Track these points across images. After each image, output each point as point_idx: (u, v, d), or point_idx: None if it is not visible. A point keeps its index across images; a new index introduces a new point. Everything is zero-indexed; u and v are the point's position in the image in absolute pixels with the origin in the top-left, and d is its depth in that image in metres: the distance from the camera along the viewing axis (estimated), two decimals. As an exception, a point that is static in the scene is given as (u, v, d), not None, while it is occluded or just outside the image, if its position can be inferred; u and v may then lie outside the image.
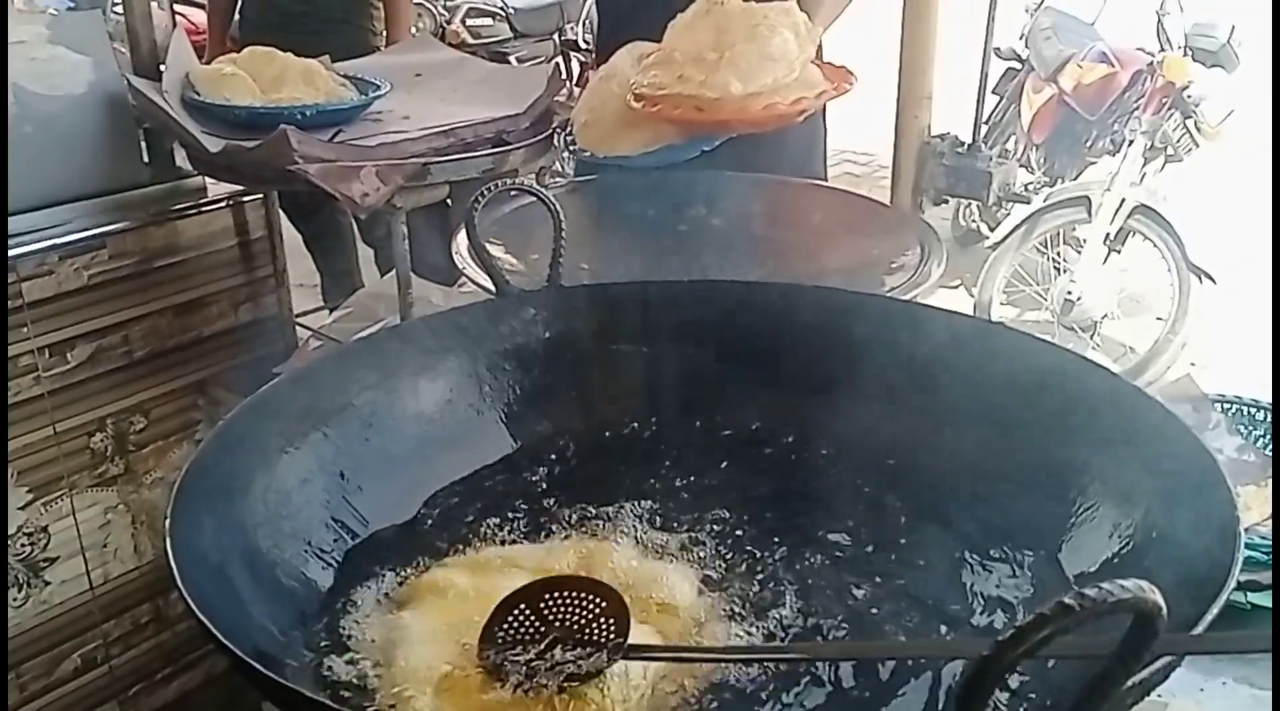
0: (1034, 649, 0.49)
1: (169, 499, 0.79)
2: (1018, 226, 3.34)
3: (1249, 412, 1.45)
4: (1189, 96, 3.24)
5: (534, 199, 1.23)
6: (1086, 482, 0.93)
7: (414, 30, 3.78)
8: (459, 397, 1.10)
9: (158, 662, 1.87)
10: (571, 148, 1.61)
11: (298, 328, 1.97)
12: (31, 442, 1.65)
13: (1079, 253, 3.36)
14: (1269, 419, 1.45)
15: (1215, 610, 0.65)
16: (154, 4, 1.94)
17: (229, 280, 1.87)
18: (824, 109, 1.95)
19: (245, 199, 1.86)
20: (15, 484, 1.64)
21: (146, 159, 1.82)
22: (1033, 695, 0.76)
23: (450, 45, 4.41)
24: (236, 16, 2.99)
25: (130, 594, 1.82)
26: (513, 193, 1.24)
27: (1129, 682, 0.53)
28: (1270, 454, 1.41)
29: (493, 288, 1.19)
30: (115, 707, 1.84)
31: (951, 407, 1.01)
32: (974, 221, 3.98)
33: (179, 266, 1.79)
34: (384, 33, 2.89)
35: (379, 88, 1.83)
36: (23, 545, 1.66)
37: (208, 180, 1.83)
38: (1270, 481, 1.36)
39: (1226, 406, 1.45)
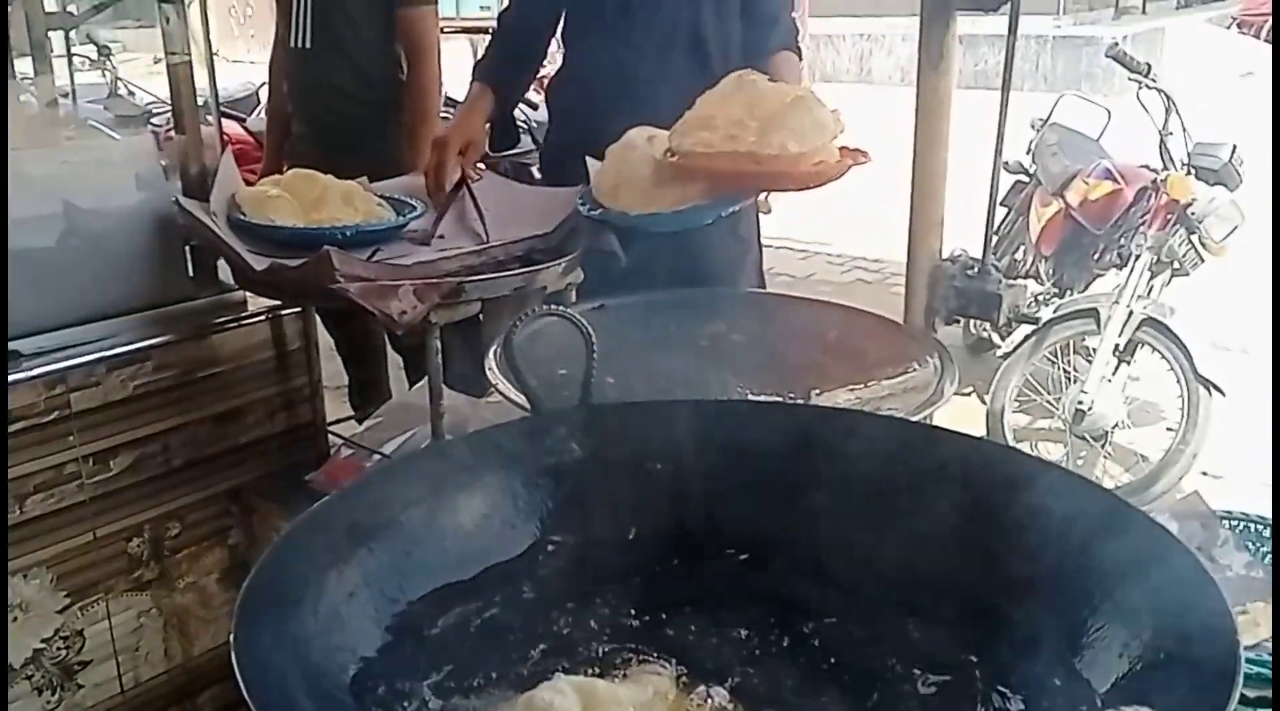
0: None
1: (233, 615, 0.84)
2: (1028, 337, 3.41)
3: (1256, 529, 1.49)
4: (1193, 213, 3.33)
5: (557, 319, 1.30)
6: (1097, 602, 0.97)
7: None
8: (495, 513, 1.16)
9: (182, 766, 1.89)
10: (592, 213, 1.71)
11: (330, 436, 2.04)
12: (72, 547, 1.70)
13: (1089, 362, 3.42)
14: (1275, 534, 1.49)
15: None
16: (203, 124, 2.05)
17: (266, 390, 1.94)
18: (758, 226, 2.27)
19: (284, 312, 1.94)
20: (54, 587, 1.69)
21: (191, 274, 1.91)
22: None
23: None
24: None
25: (159, 697, 1.85)
26: (548, 316, 1.31)
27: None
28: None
29: (527, 406, 1.26)
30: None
31: (964, 528, 1.06)
32: (985, 331, 4.06)
33: (219, 377, 1.87)
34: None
35: (414, 208, 1.93)
36: (58, 648, 1.71)
37: (249, 293, 1.91)
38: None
39: (1234, 524, 1.49)
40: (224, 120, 4.24)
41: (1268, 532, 1.48)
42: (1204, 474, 3.43)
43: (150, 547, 1.81)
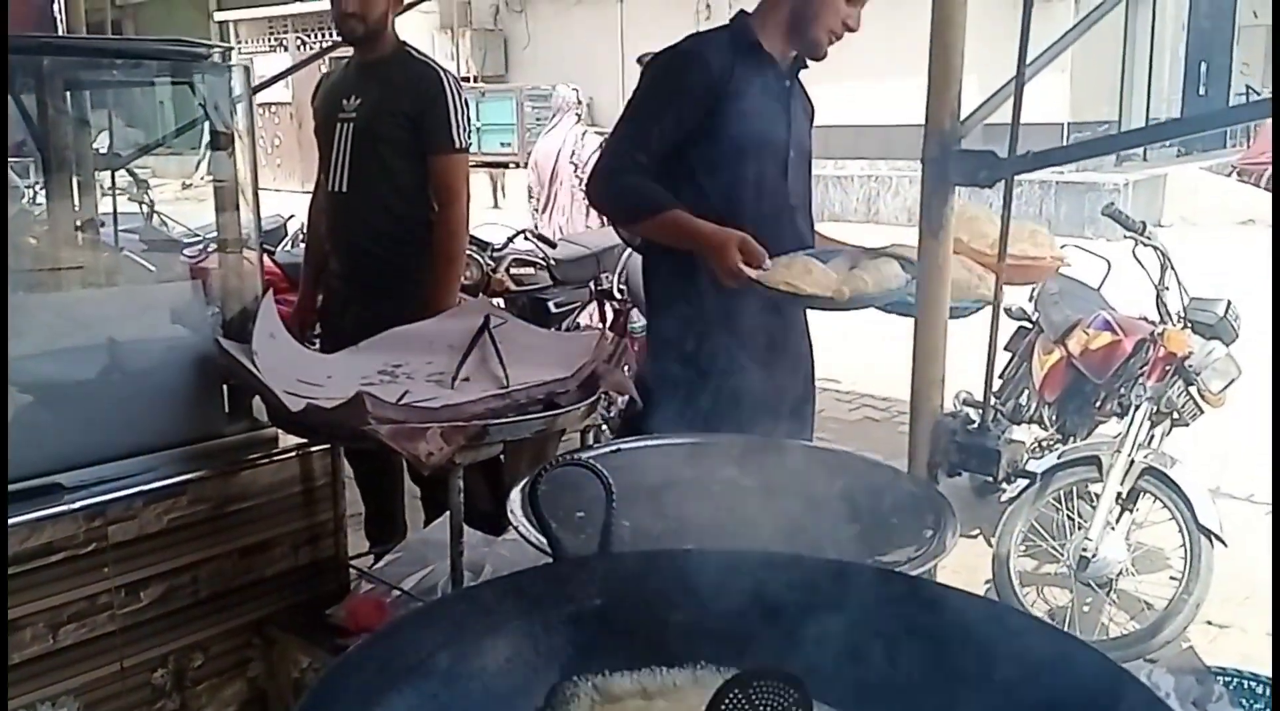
0: None
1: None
2: (1031, 483, 3.47)
3: (1249, 686, 1.54)
4: (1190, 366, 3.42)
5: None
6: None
7: (464, 278, 4.08)
8: (518, 656, 1.22)
9: None
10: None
11: (350, 569, 2.10)
12: (100, 677, 1.75)
13: (1093, 508, 3.47)
14: (1268, 691, 1.54)
15: None
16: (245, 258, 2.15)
17: (292, 524, 2.01)
18: None
19: (313, 449, 2.02)
20: (79, 718, 1.73)
21: (227, 410, 2.00)
22: None
23: (495, 291, 4.74)
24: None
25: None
26: (570, 466, 1.39)
27: None
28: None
29: (549, 550, 1.33)
30: None
31: (962, 684, 1.11)
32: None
33: (248, 511, 1.94)
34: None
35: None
36: (80, 777, 1.74)
37: (280, 431, 2.00)
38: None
39: (1228, 680, 1.54)
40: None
41: (1260, 689, 1.52)
42: (1209, 623, 3.45)
43: (173, 679, 1.85)
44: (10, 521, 1.64)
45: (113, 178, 3.79)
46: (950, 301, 1.86)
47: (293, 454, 2.00)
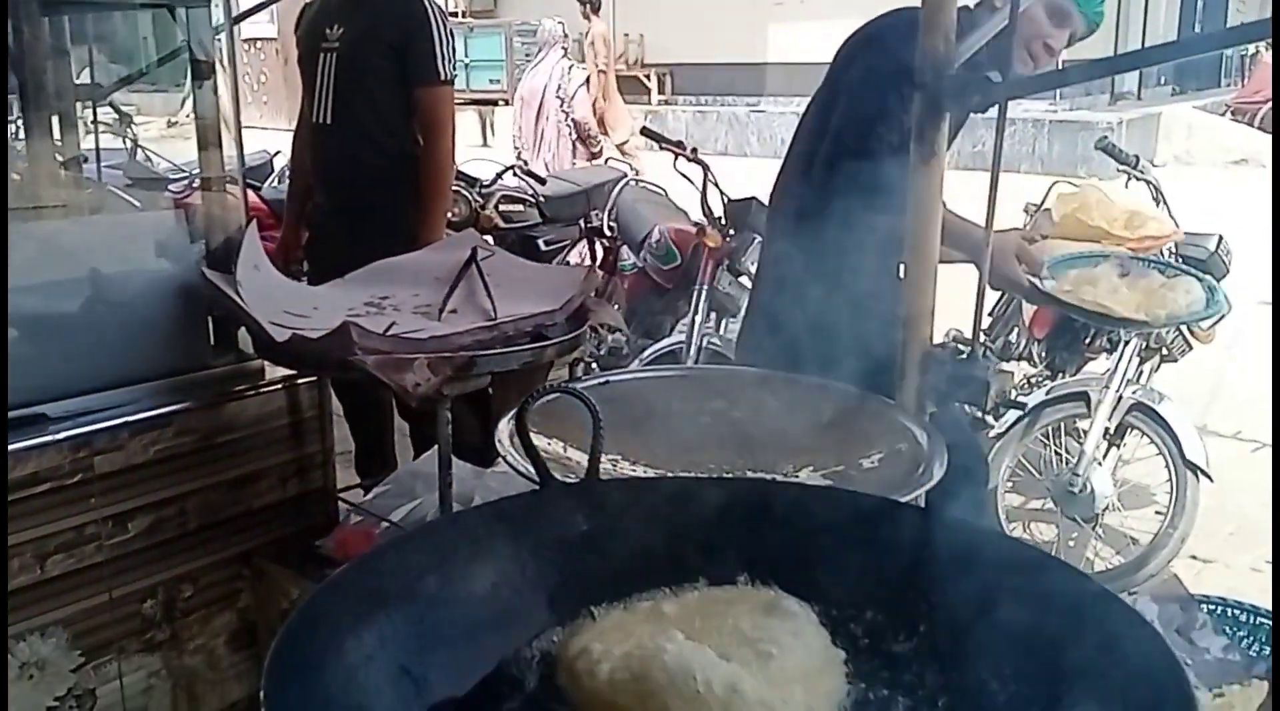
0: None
1: (264, 674, 0.90)
2: (1019, 419, 3.48)
3: (1233, 613, 1.55)
4: (1181, 302, 3.41)
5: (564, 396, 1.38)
6: (1073, 681, 1.03)
7: (452, 215, 4.05)
8: (505, 581, 1.22)
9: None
10: None
11: (339, 502, 2.09)
12: (88, 608, 1.75)
13: (1081, 444, 3.48)
14: (1252, 620, 1.55)
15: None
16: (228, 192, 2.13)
17: (280, 456, 2.00)
18: None
19: (300, 381, 2.01)
20: (69, 647, 1.74)
21: (213, 342, 1.98)
22: None
23: (483, 228, 4.70)
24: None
25: (161, 756, 1.89)
26: (558, 395, 1.38)
27: None
28: (1254, 653, 1.50)
29: (536, 478, 1.32)
30: None
31: (946, 604, 1.12)
32: (978, 412, 4.12)
33: (235, 443, 1.93)
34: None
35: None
36: (70, 707, 1.75)
37: (266, 362, 1.99)
38: (1254, 681, 1.45)
39: (1212, 608, 1.55)
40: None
41: (1243, 617, 1.54)
42: (1193, 558, 3.48)
43: (163, 609, 1.86)
44: (-6, 452, 1.63)
45: (94, 112, 3.72)
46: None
47: (279, 386, 1.99)
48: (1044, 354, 3.99)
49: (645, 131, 4.38)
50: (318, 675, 0.99)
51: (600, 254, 4.95)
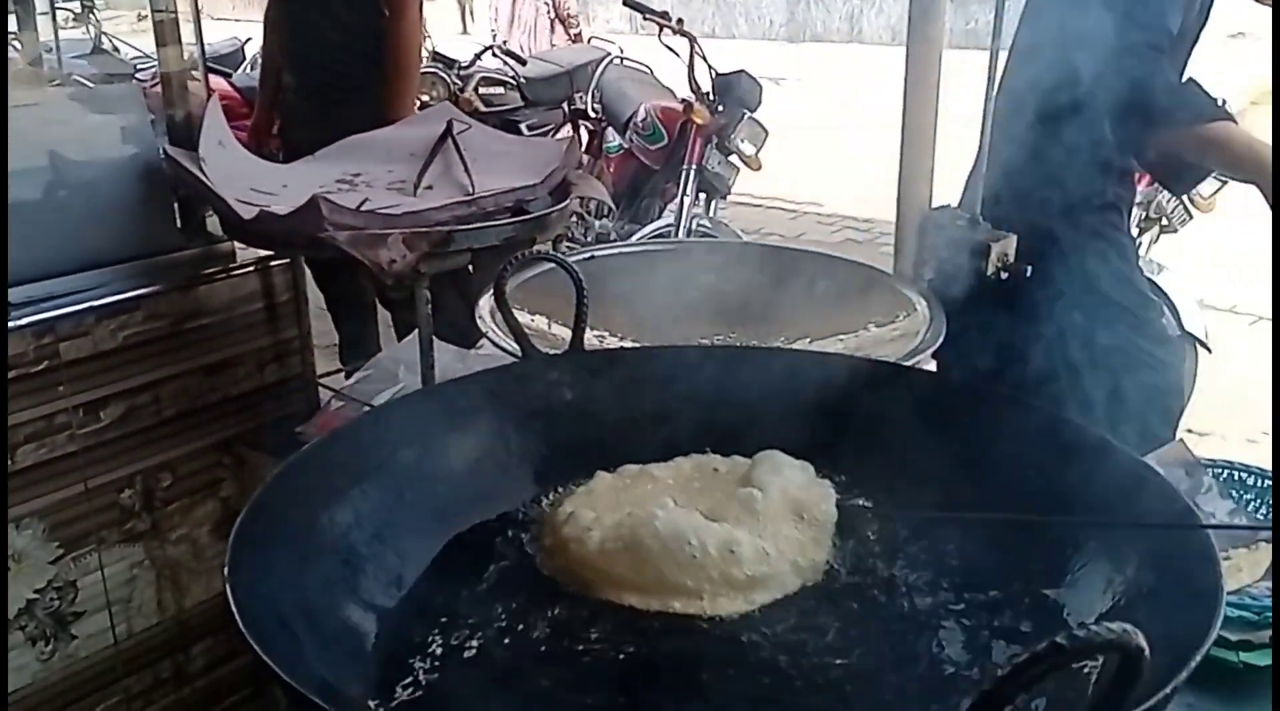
0: (1030, 683, 0.55)
1: (227, 548, 0.85)
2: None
3: (1239, 477, 1.51)
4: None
5: (551, 265, 1.31)
6: (1082, 539, 0.99)
7: (429, 98, 3.92)
8: (486, 458, 1.17)
9: (178, 717, 1.91)
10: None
11: (320, 388, 2.04)
12: (64, 498, 1.70)
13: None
14: (1260, 483, 1.51)
15: (1195, 661, 0.70)
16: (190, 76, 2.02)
17: (256, 341, 1.93)
18: None
19: (273, 263, 1.93)
20: (46, 538, 1.69)
21: (180, 224, 1.90)
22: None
23: (463, 112, 4.55)
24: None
25: (153, 649, 1.86)
26: (538, 262, 1.31)
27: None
28: (1261, 517, 1.46)
29: (519, 352, 1.26)
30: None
31: (956, 463, 1.07)
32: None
33: (208, 328, 1.86)
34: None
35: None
36: (51, 599, 1.71)
37: (237, 245, 1.91)
38: (1261, 545, 1.41)
39: (1218, 471, 1.51)
40: (210, 75, 4.21)
41: (1250, 480, 1.49)
42: (1189, 431, 3.46)
43: (142, 499, 1.81)
44: (-46, 340, 1.56)
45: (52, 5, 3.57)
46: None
47: (251, 268, 1.91)
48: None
49: (629, 3, 4.22)
50: (287, 550, 0.94)
51: (585, 138, 4.82)
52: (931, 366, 1.50)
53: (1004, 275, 1.64)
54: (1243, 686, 1.10)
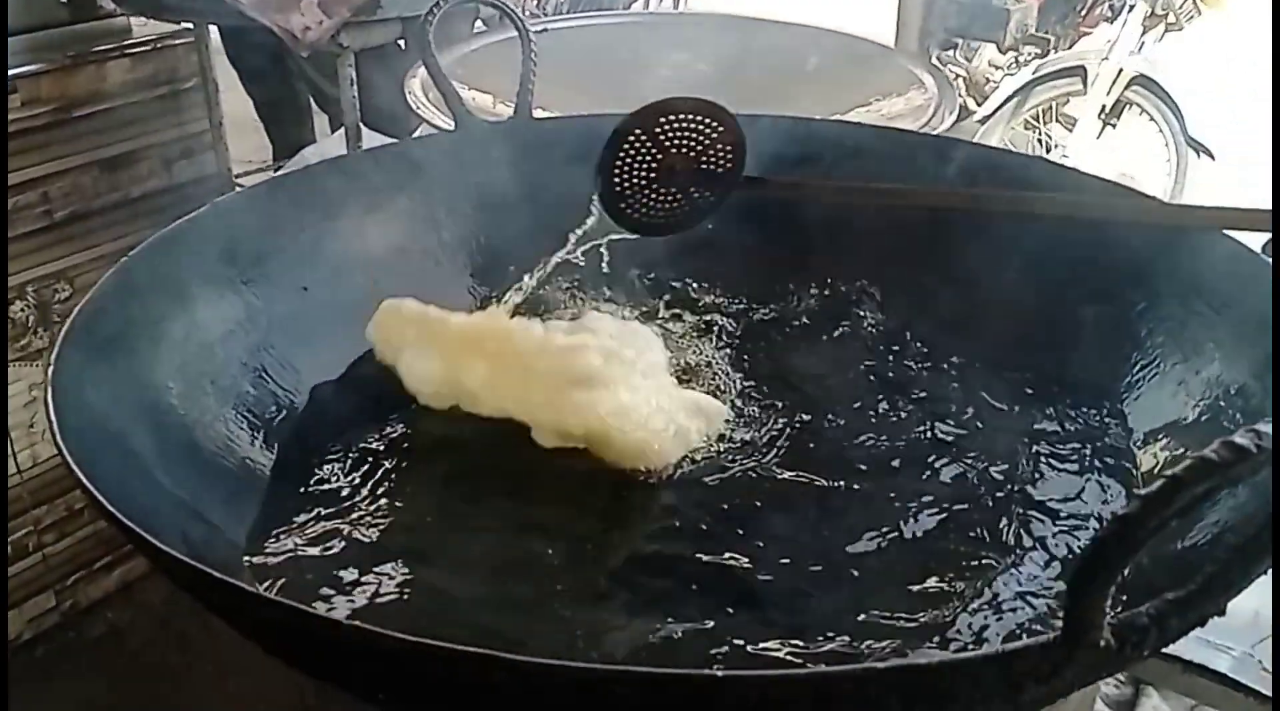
0: (1185, 509, 0.36)
1: (53, 347, 0.64)
2: (1008, 99, 3.16)
3: None
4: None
5: (497, 40, 1.07)
6: (1144, 334, 0.80)
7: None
8: (413, 244, 0.95)
9: (96, 550, 1.73)
10: None
11: (237, 188, 1.80)
12: (-56, 311, 1.48)
13: (1069, 131, 3.20)
14: None
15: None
16: None
17: (160, 133, 1.69)
18: None
19: (176, 41, 1.67)
20: (-72, 358, 1.48)
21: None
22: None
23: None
24: None
25: (62, 478, 1.66)
26: (471, 6, 1.07)
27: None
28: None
29: (452, 122, 1.03)
30: (51, 597, 1.71)
31: (990, 251, 0.87)
32: (960, 96, 3.80)
33: (103, 116, 1.61)
34: None
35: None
36: (-59, 426, 1.51)
37: (134, 20, 1.64)
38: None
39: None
40: None
41: None
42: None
43: (38, 312, 1.59)
44: None
45: None
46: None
47: (149, 46, 1.65)
48: (1036, 27, 3.63)
49: None
50: (151, 351, 0.74)
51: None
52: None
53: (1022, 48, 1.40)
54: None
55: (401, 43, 1.61)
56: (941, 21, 1.47)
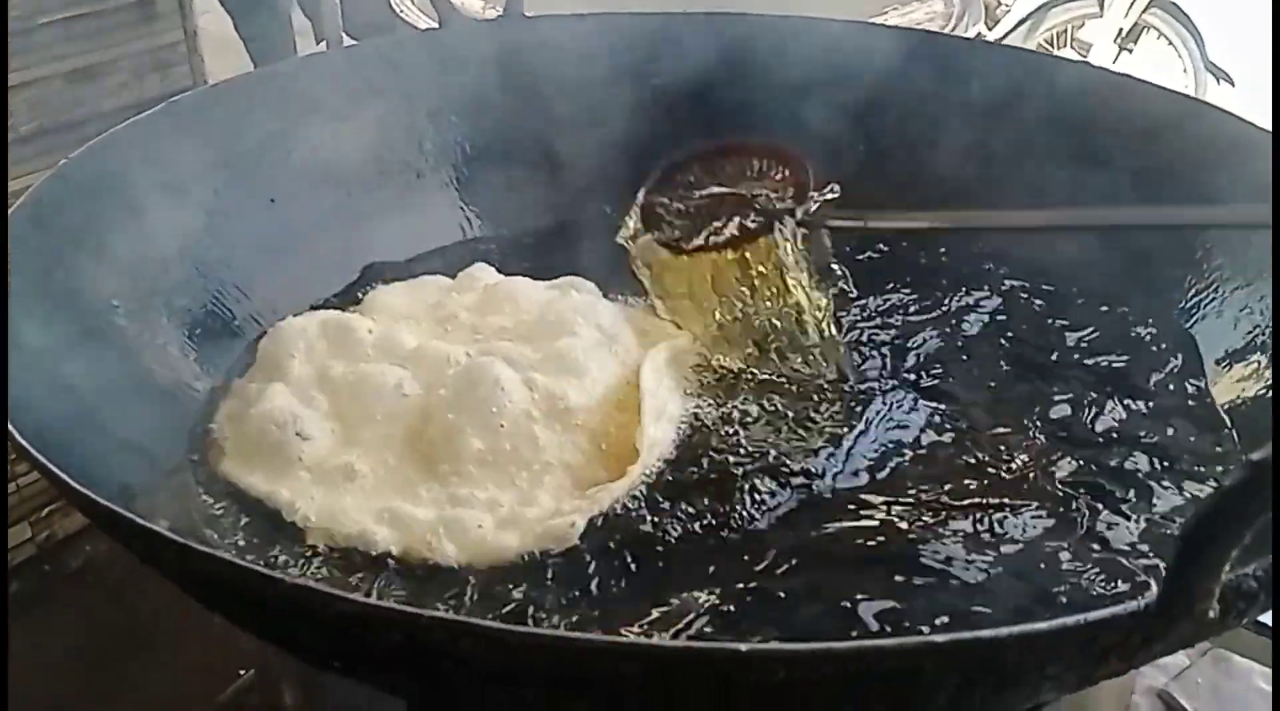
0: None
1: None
2: (1021, 22, 3.06)
3: None
4: None
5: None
6: (1201, 256, 0.73)
7: None
8: (391, 154, 0.86)
9: (72, 483, 1.67)
10: None
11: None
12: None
13: (1084, 56, 3.10)
14: None
15: None
16: None
17: (128, 43, 1.57)
18: None
19: (143, -57, 1.56)
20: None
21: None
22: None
23: None
24: None
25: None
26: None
27: None
28: None
29: (436, 21, 0.94)
30: (26, 529, 1.64)
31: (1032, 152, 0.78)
32: (973, 23, 3.67)
33: (64, 25, 1.50)
34: None
35: None
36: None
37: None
38: None
39: None
40: None
41: None
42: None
43: None
44: None
45: None
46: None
47: (117, -51, 1.54)
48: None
49: None
50: (94, 263, 0.66)
51: None
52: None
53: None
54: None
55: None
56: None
